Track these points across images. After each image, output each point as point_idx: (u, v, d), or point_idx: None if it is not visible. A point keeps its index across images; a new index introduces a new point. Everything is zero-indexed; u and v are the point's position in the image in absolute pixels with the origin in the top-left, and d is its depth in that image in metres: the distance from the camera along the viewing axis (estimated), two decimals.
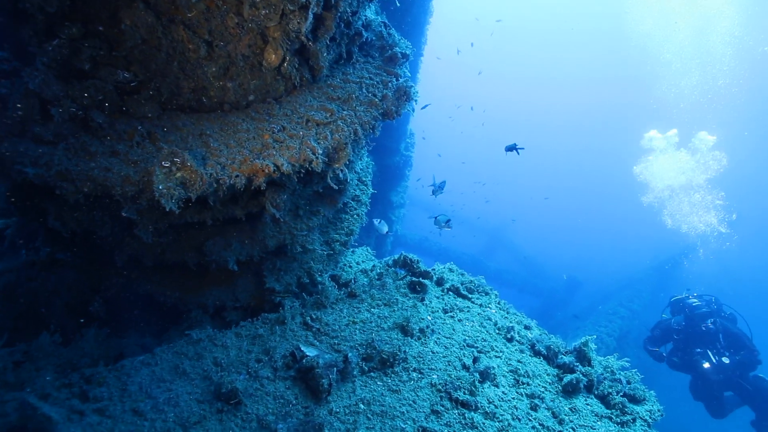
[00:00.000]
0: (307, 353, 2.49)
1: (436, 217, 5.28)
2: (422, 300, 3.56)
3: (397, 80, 2.98)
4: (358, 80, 2.92)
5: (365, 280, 3.95)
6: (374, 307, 3.31)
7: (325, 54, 2.52)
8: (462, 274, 4.35)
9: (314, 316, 2.95)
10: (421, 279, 3.72)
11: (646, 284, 19.15)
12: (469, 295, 3.88)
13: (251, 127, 2.38)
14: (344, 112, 2.60)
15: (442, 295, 3.81)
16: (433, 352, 2.92)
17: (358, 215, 4.29)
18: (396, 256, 4.14)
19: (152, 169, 1.90)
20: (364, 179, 4.63)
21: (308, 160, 2.28)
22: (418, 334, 3.05)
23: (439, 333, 3.18)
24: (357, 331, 2.94)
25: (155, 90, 2.23)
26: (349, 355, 2.50)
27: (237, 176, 2.10)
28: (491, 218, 25.32)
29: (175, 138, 2.21)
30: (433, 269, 4.26)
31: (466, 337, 3.22)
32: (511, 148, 5.09)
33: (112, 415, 1.96)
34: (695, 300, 7.21)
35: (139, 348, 3.07)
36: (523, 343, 3.39)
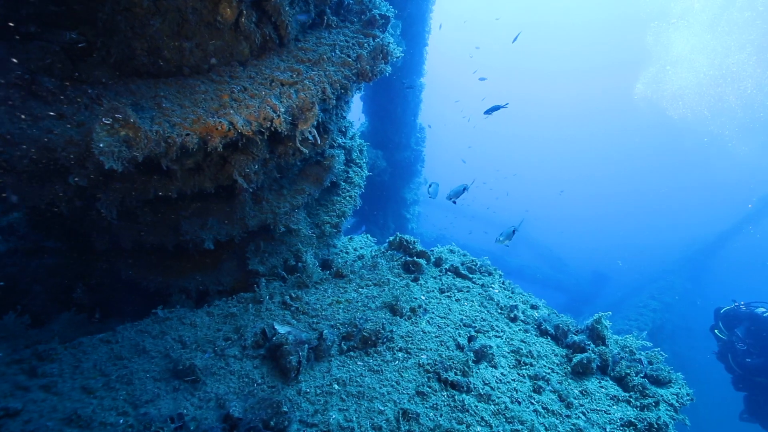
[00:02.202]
0: (279, 330, 2.29)
1: (500, 234, 4.52)
2: (416, 280, 3.30)
3: (374, 41, 2.76)
4: (332, 43, 2.73)
5: (359, 263, 3.73)
6: (363, 287, 3.08)
7: (287, 9, 2.34)
8: (464, 255, 4.06)
9: (294, 295, 2.75)
10: (416, 258, 3.46)
11: (679, 275, 18.07)
12: (470, 275, 3.59)
13: (210, 89, 2.22)
14: (312, 72, 2.41)
15: (439, 275, 3.54)
16: (423, 332, 2.66)
17: (350, 197, 4.08)
18: (391, 238, 3.90)
19: (93, 126, 1.76)
20: (357, 161, 4.43)
21: (268, 118, 2.09)
22: (409, 313, 2.80)
23: (433, 313, 2.91)
24: (340, 311, 2.72)
25: (105, 51, 2.11)
26: (325, 332, 2.28)
27: (188, 135, 1.94)
28: (505, 212, 24.62)
29: (127, 101, 2.08)
30: (432, 250, 3.99)
31: (464, 317, 2.94)
32: (494, 109, 4.67)
33: (59, 392, 1.81)
34: (762, 308, 6.63)
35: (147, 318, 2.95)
36: (528, 323, 3.08)
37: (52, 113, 1.94)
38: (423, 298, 3.07)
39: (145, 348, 2.15)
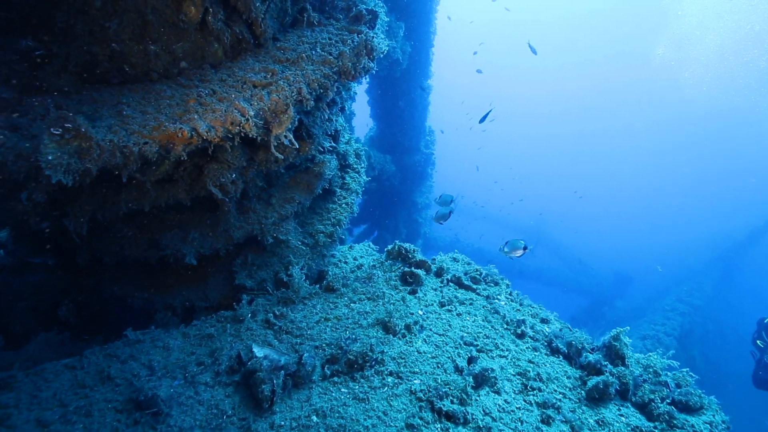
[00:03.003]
0: (257, 354, 2.09)
1: (506, 243, 4.29)
2: (414, 292, 3.06)
3: (359, 37, 2.56)
4: (313, 41, 2.54)
5: (354, 274, 3.52)
6: (355, 302, 2.86)
7: (258, 5, 2.17)
8: (468, 263, 3.80)
9: (278, 313, 2.55)
10: (413, 269, 3.23)
11: (708, 276, 17.11)
12: (474, 286, 3.33)
13: (177, 93, 2.06)
14: (288, 72, 2.22)
15: (440, 286, 3.29)
16: (419, 352, 2.42)
17: (347, 204, 3.88)
18: (389, 247, 3.68)
19: (41, 138, 1.61)
20: (355, 166, 4.23)
21: (236, 122, 1.91)
22: (403, 331, 2.57)
23: (431, 330, 2.67)
24: (328, 329, 2.50)
25: (65, 58, 1.98)
26: (305, 356, 2.07)
27: (146, 143, 1.78)
28: (521, 213, 23.97)
29: (88, 110, 1.95)
30: (433, 259, 3.74)
31: (465, 334, 2.68)
32: (485, 116, 4.60)
33: (13, 425, 1.66)
34: None
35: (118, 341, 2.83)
36: (537, 340, 2.79)
37: (3, 126, 1.82)
38: (420, 313, 2.83)
39: (110, 375, 1.99)
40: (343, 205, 3.86)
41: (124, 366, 2.06)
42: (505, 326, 2.86)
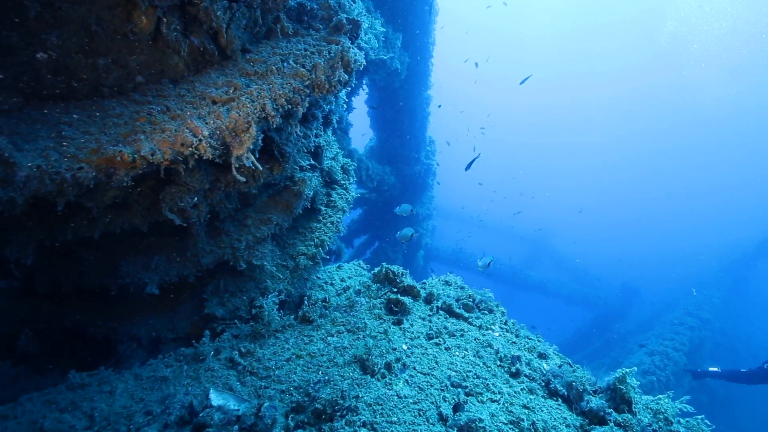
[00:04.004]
0: (213, 402, 1.85)
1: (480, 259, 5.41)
2: (398, 323, 2.81)
3: (336, 47, 2.36)
4: (287, 53, 2.35)
5: (336, 300, 3.28)
6: (333, 335, 2.61)
7: (220, 14, 1.98)
8: (461, 287, 3.54)
9: (245, 350, 2.31)
10: (399, 297, 2.98)
11: (717, 288, 16.64)
12: (466, 314, 3.07)
13: (127, 111, 1.86)
14: (253, 86, 2.02)
15: (429, 315, 3.03)
16: (399, 396, 2.16)
17: (332, 223, 3.66)
18: (376, 270, 3.43)
19: None
20: (343, 182, 4.02)
21: (187, 144, 1.71)
22: (383, 370, 2.31)
23: (415, 368, 2.41)
24: (299, 369, 2.25)
25: (4, 73, 1.80)
26: (265, 405, 1.83)
27: (80, 168, 1.58)
28: (524, 223, 23.64)
29: (25, 130, 1.75)
30: (424, 283, 3.49)
31: (453, 373, 2.42)
32: (471, 163, 5.26)
33: None
34: None
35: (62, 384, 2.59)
36: (534, 379, 2.52)
37: None
38: (404, 347, 2.58)
39: (43, 427, 1.75)
40: (328, 225, 3.64)
41: (62, 416, 1.82)
42: (499, 363, 2.60)
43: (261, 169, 2.08)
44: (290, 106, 2.06)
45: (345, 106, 4.07)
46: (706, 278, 18.41)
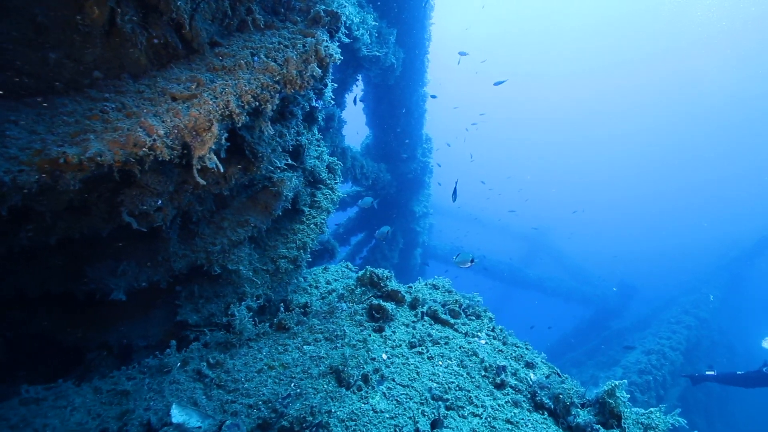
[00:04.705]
0: (174, 419, 1.73)
1: (456, 255, 5.29)
2: (380, 330, 2.70)
3: (310, 40, 2.22)
4: (258, 46, 2.21)
5: (318, 305, 3.16)
6: (309, 344, 2.50)
7: (181, 4, 1.84)
8: (449, 291, 3.43)
9: (214, 361, 2.19)
10: (381, 302, 2.86)
11: (714, 287, 16.58)
12: (452, 321, 2.95)
13: (79, 109, 1.74)
14: (218, 82, 1.89)
15: (414, 321, 2.92)
16: (375, 411, 2.04)
17: (315, 225, 3.53)
18: (360, 273, 3.32)
19: None
20: (328, 182, 3.89)
21: (140, 144, 1.58)
22: (359, 382, 2.20)
23: (394, 379, 2.29)
24: (269, 381, 2.14)
25: None
26: (227, 424, 1.71)
27: (21, 171, 1.45)
28: (521, 219, 23.52)
29: None
30: (410, 287, 3.38)
31: (434, 385, 2.30)
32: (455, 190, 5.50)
33: None
34: None
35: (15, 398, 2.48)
36: (520, 391, 2.41)
37: None
38: (384, 357, 2.46)
39: None
40: (311, 226, 3.51)
41: None
42: (483, 373, 2.48)
43: (222, 170, 1.94)
44: (258, 103, 1.93)
45: (333, 102, 3.92)
46: (704, 276, 18.36)
